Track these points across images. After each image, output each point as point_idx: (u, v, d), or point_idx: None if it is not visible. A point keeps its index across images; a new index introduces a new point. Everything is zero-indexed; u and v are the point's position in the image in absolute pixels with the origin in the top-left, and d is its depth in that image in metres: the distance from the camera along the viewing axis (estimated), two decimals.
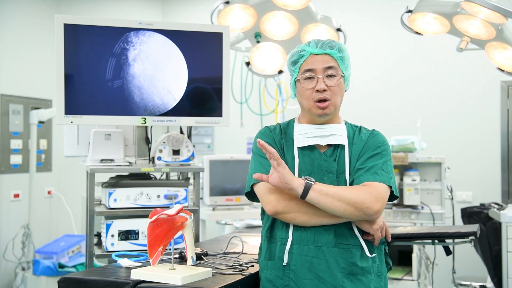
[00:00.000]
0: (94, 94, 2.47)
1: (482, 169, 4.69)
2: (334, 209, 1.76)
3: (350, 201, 1.75)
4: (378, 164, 1.85)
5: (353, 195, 1.76)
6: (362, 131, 1.95)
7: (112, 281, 1.83)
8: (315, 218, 1.80)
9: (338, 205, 1.75)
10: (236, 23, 3.30)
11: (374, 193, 1.78)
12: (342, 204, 1.75)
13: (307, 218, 1.80)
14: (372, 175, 1.82)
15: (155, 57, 2.55)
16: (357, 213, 1.77)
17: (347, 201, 1.75)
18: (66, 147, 2.80)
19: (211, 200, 3.81)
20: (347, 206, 1.75)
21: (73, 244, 4.67)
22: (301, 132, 1.92)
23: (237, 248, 2.35)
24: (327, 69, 1.86)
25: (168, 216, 1.84)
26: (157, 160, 2.62)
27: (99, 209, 2.54)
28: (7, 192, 4.82)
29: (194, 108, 2.62)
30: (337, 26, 3.41)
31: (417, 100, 4.87)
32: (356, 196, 1.75)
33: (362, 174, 1.84)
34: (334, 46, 1.88)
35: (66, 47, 2.43)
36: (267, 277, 1.88)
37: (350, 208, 1.75)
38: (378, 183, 1.81)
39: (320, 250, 1.82)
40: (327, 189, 1.76)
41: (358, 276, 1.81)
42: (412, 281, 3.63)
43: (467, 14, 2.99)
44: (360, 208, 1.75)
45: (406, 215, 3.90)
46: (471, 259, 4.39)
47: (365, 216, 1.77)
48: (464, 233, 2.39)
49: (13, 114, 4.87)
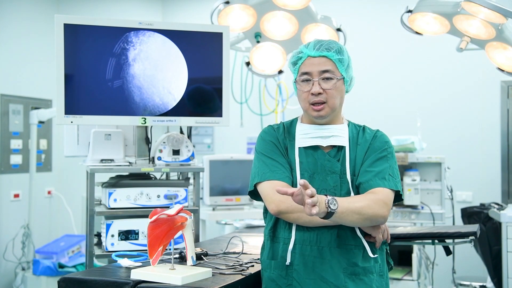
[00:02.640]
0: (94, 94, 2.47)
1: (482, 169, 4.69)
2: (351, 223, 1.78)
3: (367, 215, 1.75)
4: (385, 169, 1.86)
5: (369, 209, 1.75)
6: (366, 131, 1.95)
7: (112, 281, 1.83)
8: (318, 218, 1.80)
9: (356, 219, 1.75)
10: (236, 23, 3.30)
11: (385, 201, 1.80)
12: (359, 217, 1.74)
13: (310, 218, 1.80)
14: (381, 180, 1.83)
15: (155, 57, 2.55)
16: (370, 223, 1.80)
17: (363, 214, 1.74)
18: (66, 147, 2.81)
19: (211, 200, 3.81)
20: (365, 221, 1.77)
21: (73, 244, 4.67)
22: (303, 132, 1.93)
23: (237, 248, 2.35)
24: (323, 72, 1.85)
25: (168, 216, 1.84)
26: (157, 160, 2.62)
27: (99, 209, 2.54)
28: (7, 192, 4.82)
29: (194, 108, 2.62)
30: (337, 26, 3.41)
31: (417, 100, 4.87)
32: (372, 210, 1.76)
33: (371, 178, 1.84)
34: (332, 48, 1.87)
35: (66, 47, 2.43)
36: (270, 276, 1.88)
37: (366, 221, 1.78)
38: (387, 189, 1.83)
39: (323, 250, 1.82)
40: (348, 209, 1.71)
41: (360, 276, 1.82)
42: (412, 281, 3.63)
43: (467, 14, 2.99)
44: (376, 220, 1.78)
45: (406, 215, 3.90)
46: (471, 259, 4.39)
47: (376, 223, 1.81)
48: (464, 233, 2.39)
49: (13, 114, 4.87)
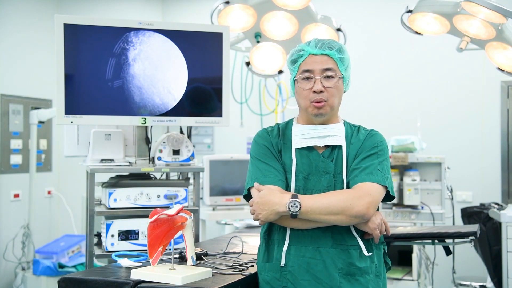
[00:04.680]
0: (94, 94, 2.47)
1: (482, 169, 4.69)
2: (327, 222, 1.78)
3: (339, 210, 1.75)
4: (373, 164, 1.84)
5: (341, 202, 1.75)
6: (360, 131, 1.94)
7: (112, 281, 1.83)
8: (308, 223, 1.81)
9: (328, 217, 1.76)
10: (236, 23, 3.30)
11: (361, 195, 1.78)
12: (332, 216, 1.76)
13: (301, 223, 1.82)
14: (367, 175, 1.82)
15: (155, 57, 2.55)
16: (349, 219, 1.77)
17: (336, 211, 1.75)
18: (66, 147, 2.81)
19: (211, 200, 3.81)
20: (337, 216, 1.76)
21: (73, 244, 4.67)
22: (299, 133, 1.92)
23: (237, 248, 2.35)
24: (325, 70, 1.85)
25: (168, 216, 1.84)
26: (157, 160, 2.62)
27: (99, 209, 2.54)
28: (7, 192, 4.81)
29: (194, 108, 2.62)
30: (337, 26, 3.41)
31: (417, 100, 4.87)
32: (344, 204, 1.75)
33: (357, 174, 1.83)
34: (333, 47, 1.87)
35: (66, 47, 2.43)
36: (265, 279, 1.88)
37: (341, 217, 1.76)
38: (369, 183, 1.80)
39: (317, 251, 1.82)
40: (314, 206, 1.76)
41: (356, 276, 1.81)
42: (412, 281, 3.63)
43: (467, 14, 2.99)
44: (350, 214, 1.76)
45: (406, 215, 3.90)
46: (471, 259, 4.39)
47: (357, 219, 1.78)
48: (464, 233, 2.39)
49: (13, 114, 4.87)
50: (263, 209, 1.80)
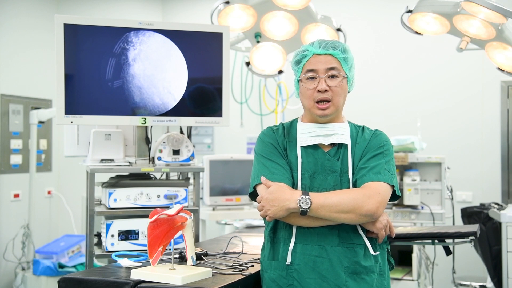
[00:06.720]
0: (94, 94, 2.47)
1: (482, 169, 4.69)
2: (336, 220, 1.78)
3: (349, 209, 1.75)
4: (381, 164, 1.85)
5: (351, 201, 1.75)
6: (365, 131, 1.95)
7: (112, 281, 1.83)
8: (316, 221, 1.81)
9: (338, 215, 1.76)
10: (236, 23, 3.30)
11: (371, 194, 1.78)
12: (342, 214, 1.75)
13: (309, 221, 1.81)
14: (375, 174, 1.83)
15: (155, 57, 2.55)
16: (359, 218, 1.77)
17: (346, 209, 1.75)
18: (66, 147, 2.81)
19: (211, 200, 3.81)
20: (347, 215, 1.76)
21: (73, 244, 4.67)
22: (304, 131, 1.93)
23: (237, 248, 2.35)
24: (329, 70, 1.86)
25: (168, 216, 1.84)
26: (157, 160, 2.62)
27: (99, 209, 2.54)
28: (7, 192, 4.82)
29: (194, 108, 2.62)
30: (337, 26, 3.41)
31: (417, 100, 4.87)
32: (354, 202, 1.75)
33: (365, 174, 1.84)
34: (337, 46, 1.88)
35: (66, 47, 2.44)
36: (271, 277, 1.87)
37: (351, 216, 1.76)
38: (378, 182, 1.81)
39: (324, 249, 1.82)
40: (324, 204, 1.76)
41: (361, 275, 1.82)
42: (412, 281, 3.63)
43: (467, 14, 2.99)
44: (360, 213, 1.76)
45: (406, 215, 3.90)
46: (471, 259, 4.39)
47: (366, 218, 1.78)
48: (464, 233, 2.39)
49: (13, 114, 4.87)
50: (273, 205, 1.78)
